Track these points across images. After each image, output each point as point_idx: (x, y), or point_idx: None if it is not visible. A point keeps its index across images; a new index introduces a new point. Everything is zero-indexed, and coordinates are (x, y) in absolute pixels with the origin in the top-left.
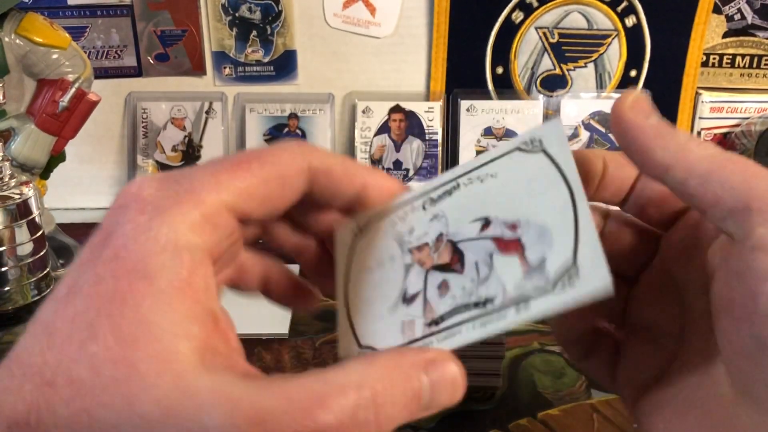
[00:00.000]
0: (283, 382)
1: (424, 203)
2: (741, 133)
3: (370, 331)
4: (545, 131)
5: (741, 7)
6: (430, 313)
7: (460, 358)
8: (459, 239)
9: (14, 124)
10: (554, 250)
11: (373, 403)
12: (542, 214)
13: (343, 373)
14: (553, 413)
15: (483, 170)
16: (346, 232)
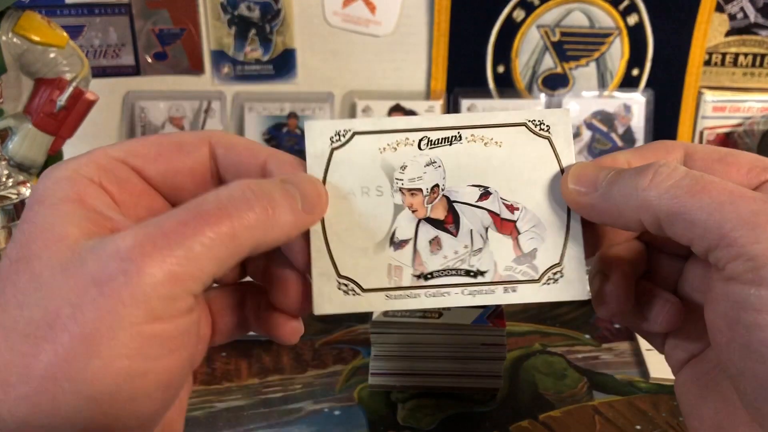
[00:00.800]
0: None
1: (420, 141)
2: (744, 132)
3: (351, 264)
4: (555, 118)
5: (744, 5)
6: (420, 266)
7: (460, 360)
8: (455, 198)
9: (11, 123)
10: (545, 246)
11: (253, 191)
12: (540, 207)
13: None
14: (555, 415)
15: (488, 132)
16: (321, 134)
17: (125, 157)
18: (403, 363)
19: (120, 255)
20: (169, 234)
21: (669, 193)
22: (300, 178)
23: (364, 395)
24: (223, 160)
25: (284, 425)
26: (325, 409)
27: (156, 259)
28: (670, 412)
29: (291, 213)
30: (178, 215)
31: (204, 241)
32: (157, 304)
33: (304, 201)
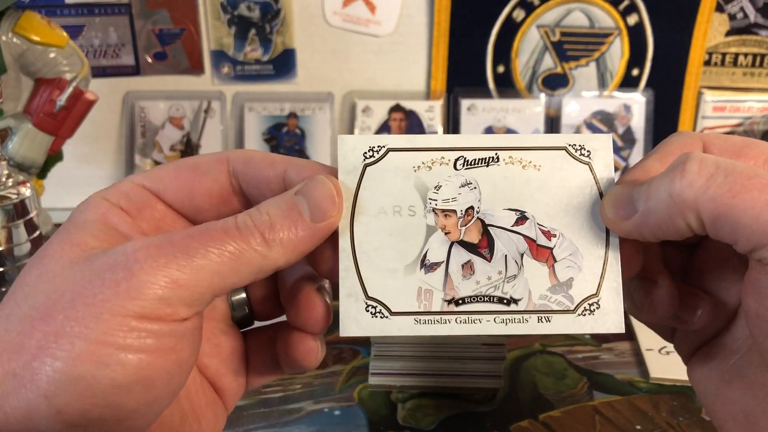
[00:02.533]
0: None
1: (456, 160)
2: (744, 132)
3: (380, 285)
4: (596, 143)
5: (743, 5)
6: (451, 290)
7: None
8: (490, 222)
9: (11, 123)
10: (582, 276)
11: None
12: (578, 234)
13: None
14: (555, 415)
15: (527, 155)
16: (351, 148)
17: (147, 183)
18: (403, 363)
19: (127, 254)
20: (175, 244)
21: (707, 194)
22: (311, 185)
23: (364, 395)
24: (243, 176)
25: (284, 425)
26: (325, 409)
27: (159, 262)
28: (670, 412)
29: (293, 230)
30: (188, 231)
31: (206, 255)
32: (150, 303)
33: (314, 211)
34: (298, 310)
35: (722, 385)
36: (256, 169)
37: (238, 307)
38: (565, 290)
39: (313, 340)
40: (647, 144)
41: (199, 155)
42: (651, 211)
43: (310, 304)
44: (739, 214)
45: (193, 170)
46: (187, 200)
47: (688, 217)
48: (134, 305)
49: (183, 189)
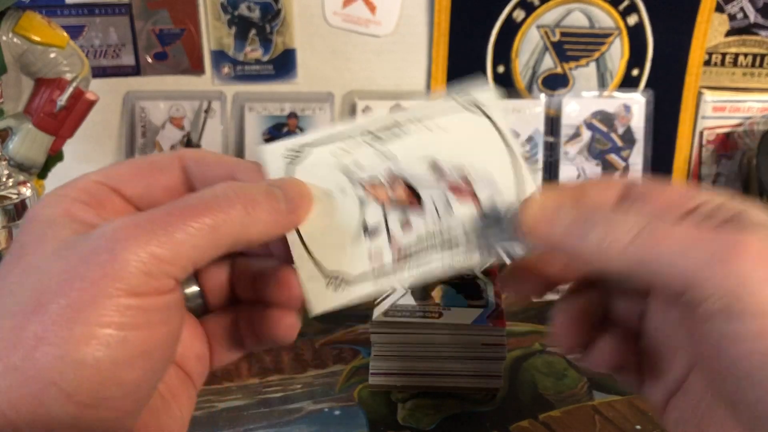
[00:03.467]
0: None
1: (368, 140)
2: (744, 132)
3: (335, 260)
4: (483, 96)
5: (743, 5)
6: (396, 245)
7: (460, 360)
8: (413, 181)
9: (12, 123)
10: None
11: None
12: (489, 169)
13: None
14: (555, 415)
15: (431, 122)
16: (275, 156)
17: (104, 179)
18: (403, 363)
19: (106, 236)
20: (155, 221)
21: (630, 249)
22: (286, 180)
23: (364, 395)
24: (195, 174)
25: (284, 425)
26: (325, 408)
27: (140, 240)
28: None
29: (272, 212)
30: (165, 208)
31: (186, 229)
32: (137, 280)
33: (288, 202)
34: (280, 288)
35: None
36: (207, 168)
37: (192, 298)
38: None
39: (293, 316)
40: (647, 144)
41: (152, 154)
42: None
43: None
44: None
45: (151, 167)
46: (145, 194)
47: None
48: (123, 284)
49: (140, 184)
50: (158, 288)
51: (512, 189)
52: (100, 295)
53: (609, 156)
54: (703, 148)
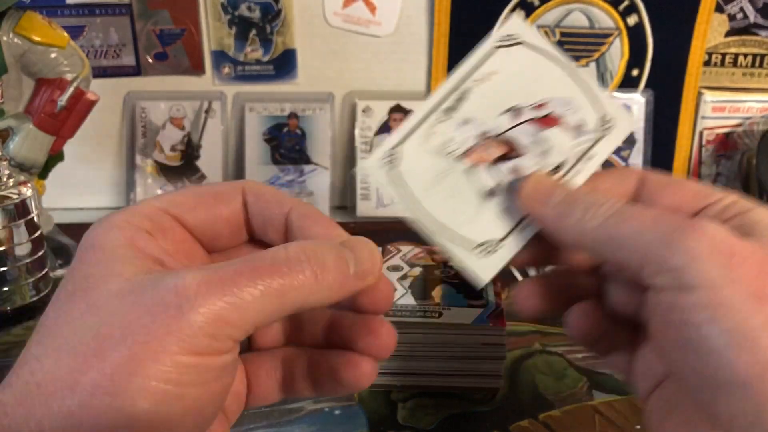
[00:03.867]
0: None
1: (441, 116)
2: (743, 132)
3: (477, 231)
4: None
5: (743, 6)
6: None
7: (460, 359)
8: (500, 132)
9: (12, 123)
10: (585, 112)
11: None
12: (555, 89)
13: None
14: (555, 415)
15: (479, 72)
16: (375, 170)
17: (168, 207)
18: (403, 362)
19: (177, 290)
20: (225, 280)
21: (600, 228)
22: (359, 243)
23: (364, 394)
24: (252, 208)
25: (284, 424)
26: (325, 408)
27: (208, 300)
28: None
29: (340, 278)
30: (236, 266)
31: (254, 292)
32: (200, 340)
33: (358, 266)
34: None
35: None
36: (265, 204)
37: None
38: (583, 131)
39: (372, 362)
40: (647, 144)
41: (216, 183)
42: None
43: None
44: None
45: (215, 198)
46: (208, 227)
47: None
48: (186, 344)
49: (202, 214)
50: (218, 349)
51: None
52: (162, 351)
53: (609, 156)
54: (703, 148)
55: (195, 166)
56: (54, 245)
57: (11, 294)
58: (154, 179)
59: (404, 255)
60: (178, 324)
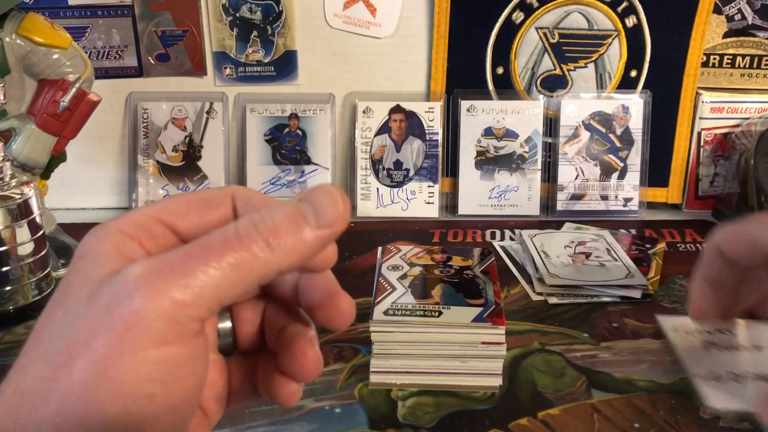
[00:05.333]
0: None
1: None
2: (741, 133)
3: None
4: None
5: (741, 7)
6: None
7: (460, 358)
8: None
9: (15, 124)
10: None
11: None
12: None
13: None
14: (554, 413)
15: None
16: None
17: (159, 214)
18: (403, 361)
19: (128, 284)
20: (174, 264)
21: None
22: (315, 192)
23: (364, 393)
24: (241, 212)
25: (285, 423)
26: (326, 406)
27: (160, 286)
28: (668, 411)
29: (298, 238)
30: (185, 248)
31: (207, 270)
32: (162, 328)
33: (319, 216)
34: (292, 361)
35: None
36: (252, 209)
37: (224, 336)
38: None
39: (297, 384)
40: (645, 145)
41: (207, 189)
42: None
43: (304, 357)
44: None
45: (205, 204)
46: (198, 230)
47: None
48: (148, 335)
49: (193, 220)
50: (183, 332)
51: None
52: (127, 349)
53: (607, 156)
54: (701, 148)
55: (196, 167)
56: (56, 245)
57: (14, 293)
58: (156, 179)
59: (404, 254)
60: (135, 317)
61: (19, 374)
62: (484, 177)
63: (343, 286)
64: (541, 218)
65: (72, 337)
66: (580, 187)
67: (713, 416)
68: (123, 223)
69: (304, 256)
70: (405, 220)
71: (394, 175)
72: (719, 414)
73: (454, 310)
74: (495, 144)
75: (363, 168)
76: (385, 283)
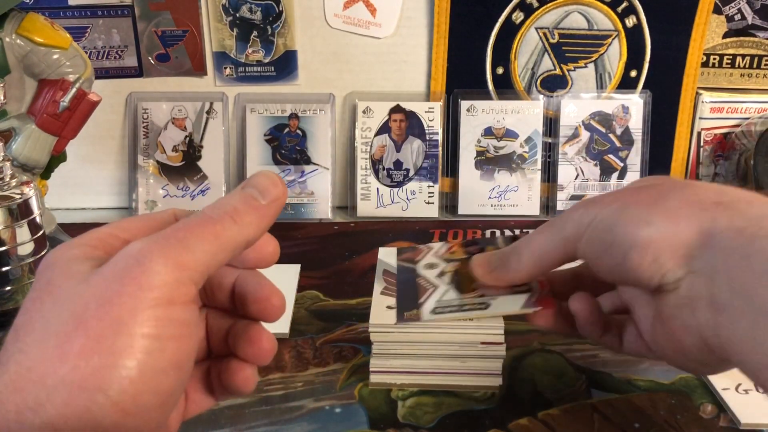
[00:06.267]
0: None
1: None
2: (741, 133)
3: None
4: None
5: (741, 7)
6: None
7: (460, 358)
8: None
9: (15, 124)
10: None
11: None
12: None
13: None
14: (553, 413)
15: None
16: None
17: (116, 231)
18: (404, 361)
19: (132, 255)
20: (168, 236)
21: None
22: (255, 177)
23: (364, 393)
24: None
25: (285, 423)
26: (325, 406)
27: (162, 253)
28: (668, 410)
29: (255, 212)
30: (173, 227)
31: (196, 237)
32: (169, 287)
33: (264, 194)
34: (250, 344)
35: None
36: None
37: None
38: None
39: (251, 368)
40: (645, 145)
41: (152, 212)
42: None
43: (260, 337)
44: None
45: (150, 220)
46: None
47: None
48: (157, 292)
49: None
50: (186, 293)
51: None
52: (139, 306)
53: (607, 156)
54: (701, 148)
55: (196, 167)
56: (56, 245)
57: (14, 293)
58: (156, 179)
59: (437, 252)
60: (146, 277)
61: (18, 357)
62: (484, 177)
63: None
64: (541, 218)
65: (78, 310)
66: (580, 187)
67: (712, 416)
68: (84, 238)
69: (265, 224)
70: (405, 220)
71: (394, 175)
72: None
73: (501, 300)
74: (495, 144)
75: (363, 168)
76: (425, 283)
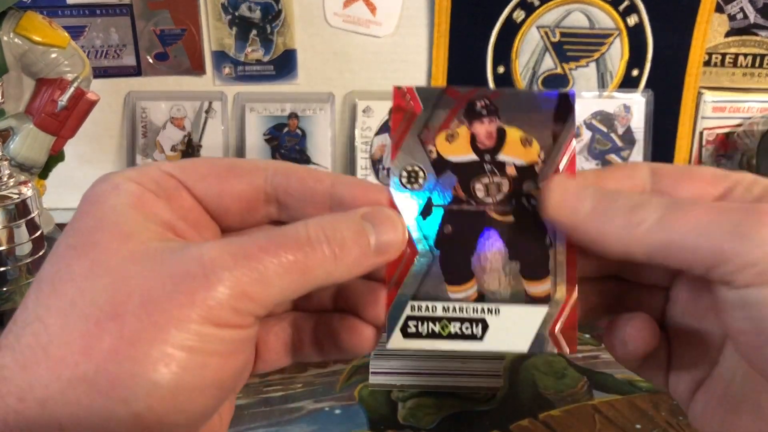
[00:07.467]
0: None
1: None
2: (743, 132)
3: None
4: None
5: (743, 6)
6: None
7: (460, 359)
8: None
9: (13, 123)
10: None
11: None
12: None
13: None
14: (555, 414)
15: None
16: None
17: (176, 172)
18: (404, 362)
19: (203, 261)
20: (250, 255)
21: (654, 231)
22: (379, 217)
23: (364, 394)
24: (284, 187)
25: (285, 424)
26: (325, 408)
27: (234, 274)
28: (670, 411)
29: (359, 256)
30: (259, 241)
31: (278, 270)
32: (223, 313)
33: (380, 244)
34: (368, 302)
35: (727, 416)
36: (300, 182)
37: None
38: None
39: (374, 329)
40: (647, 144)
41: (236, 158)
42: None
43: (376, 295)
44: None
45: (229, 171)
46: (215, 199)
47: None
48: (209, 314)
49: (213, 186)
50: (240, 323)
51: None
52: (184, 319)
53: (609, 156)
54: (703, 148)
55: None
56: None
57: (12, 294)
58: None
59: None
60: (203, 295)
61: (36, 327)
62: None
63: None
64: None
65: (119, 296)
66: None
67: None
68: (137, 175)
69: (359, 273)
70: None
71: None
72: None
73: (505, 317)
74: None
75: (363, 168)
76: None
